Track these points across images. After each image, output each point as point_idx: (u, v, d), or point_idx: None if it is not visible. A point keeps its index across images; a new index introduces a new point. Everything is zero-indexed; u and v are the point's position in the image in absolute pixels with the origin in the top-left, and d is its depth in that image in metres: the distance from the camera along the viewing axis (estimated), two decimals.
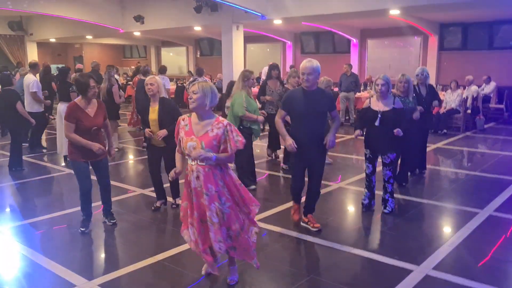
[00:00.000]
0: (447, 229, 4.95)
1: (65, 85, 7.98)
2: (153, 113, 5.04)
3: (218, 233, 3.36)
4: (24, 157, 7.91)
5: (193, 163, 3.33)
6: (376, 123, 5.00)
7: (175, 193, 5.47)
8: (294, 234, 4.69)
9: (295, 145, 4.39)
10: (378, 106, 5.05)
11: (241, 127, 5.81)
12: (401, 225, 5.00)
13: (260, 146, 8.90)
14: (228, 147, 3.30)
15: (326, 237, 4.60)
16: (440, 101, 6.81)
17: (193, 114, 3.40)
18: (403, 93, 5.85)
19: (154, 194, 5.61)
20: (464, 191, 6.23)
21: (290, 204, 5.61)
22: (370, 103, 5.12)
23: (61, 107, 7.83)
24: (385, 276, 3.86)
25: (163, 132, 4.95)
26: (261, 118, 6.04)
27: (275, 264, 4.02)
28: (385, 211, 5.26)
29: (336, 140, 5.62)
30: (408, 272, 3.82)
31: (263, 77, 14.19)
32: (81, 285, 3.66)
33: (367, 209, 5.37)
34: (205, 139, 3.28)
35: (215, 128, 3.30)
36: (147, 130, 5.13)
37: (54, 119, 11.81)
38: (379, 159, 5.23)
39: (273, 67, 7.79)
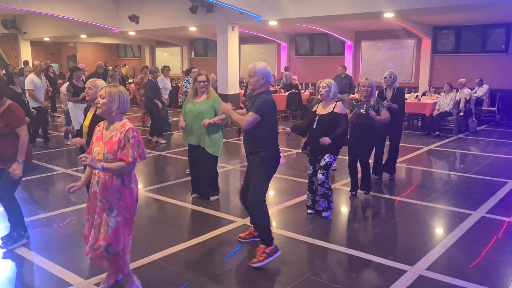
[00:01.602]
0: (440, 230, 5.01)
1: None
2: (88, 119, 4.42)
3: (97, 242, 3.22)
4: None
5: None
6: (314, 126, 5.10)
7: None
8: (288, 234, 4.72)
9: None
10: (320, 109, 5.16)
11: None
12: (395, 226, 5.05)
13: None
14: (125, 153, 3.11)
15: (321, 237, 4.64)
16: (402, 107, 6.72)
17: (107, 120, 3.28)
18: (365, 97, 5.90)
19: (152, 194, 5.61)
20: (457, 193, 6.30)
21: (281, 206, 5.66)
22: (317, 107, 5.23)
23: None
24: (379, 276, 3.90)
25: (80, 141, 4.37)
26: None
27: (270, 264, 4.04)
28: (324, 214, 5.22)
29: None
30: (402, 272, 3.86)
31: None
32: (77, 284, 3.67)
33: (311, 210, 5.33)
34: (108, 144, 3.16)
35: (118, 132, 3.16)
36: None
37: (59, 116, 11.90)
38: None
39: None
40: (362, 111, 5.81)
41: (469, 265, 4.05)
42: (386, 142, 6.89)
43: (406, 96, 12.11)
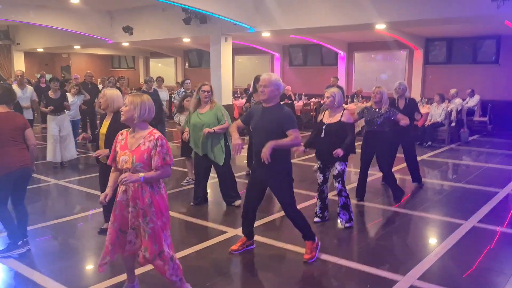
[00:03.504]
0: (432, 239, 5.01)
1: None
2: (104, 127, 4.63)
3: (144, 245, 3.27)
4: None
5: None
6: (322, 135, 5.14)
7: (107, 217, 4.94)
8: (280, 244, 4.70)
9: (240, 148, 4.11)
10: (327, 118, 5.21)
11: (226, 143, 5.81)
12: (387, 236, 5.05)
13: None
14: (155, 161, 3.17)
15: None
16: (420, 114, 6.96)
17: (131, 128, 3.33)
18: (376, 104, 5.98)
19: None
20: (449, 203, 6.31)
21: (276, 215, 5.64)
22: (323, 116, 5.29)
23: None
24: (371, 286, 3.88)
25: (104, 152, 4.46)
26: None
27: (263, 274, 4.02)
28: (340, 225, 5.27)
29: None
30: (394, 282, 3.85)
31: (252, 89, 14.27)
32: None
33: (320, 219, 5.35)
34: (136, 153, 3.19)
35: (147, 141, 3.21)
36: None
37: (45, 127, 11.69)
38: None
39: (257, 80, 7.70)
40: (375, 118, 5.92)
41: (462, 274, 4.04)
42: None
43: None
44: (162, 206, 3.29)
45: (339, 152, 4.96)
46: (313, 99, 14.69)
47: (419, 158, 9.16)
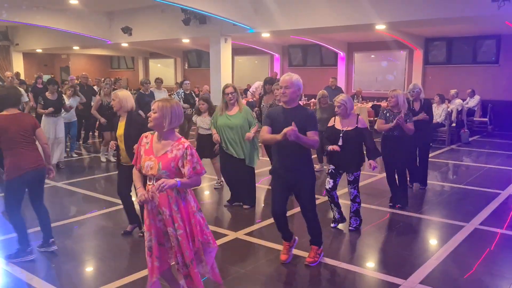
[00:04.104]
0: (433, 242, 4.98)
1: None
2: (120, 128, 4.75)
3: (179, 253, 3.16)
4: None
5: (149, 183, 3.15)
6: (339, 143, 4.97)
7: (131, 219, 5.04)
8: (280, 247, 4.66)
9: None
10: (341, 125, 5.06)
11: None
12: (388, 239, 5.01)
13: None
14: (186, 170, 3.09)
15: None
16: (431, 115, 6.89)
17: (156, 132, 3.22)
18: (393, 108, 5.83)
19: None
20: (450, 204, 6.28)
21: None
22: (334, 122, 5.15)
23: None
24: None
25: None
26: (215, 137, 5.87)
27: (263, 279, 3.99)
28: (349, 228, 5.24)
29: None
30: (396, 286, 3.82)
31: (252, 90, 14.23)
32: None
33: (335, 223, 5.29)
34: (163, 159, 3.10)
35: (175, 149, 3.11)
36: (112, 142, 4.86)
37: None
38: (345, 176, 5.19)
39: (266, 82, 7.60)
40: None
41: (464, 279, 4.01)
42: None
43: None
44: (186, 213, 3.17)
45: (374, 164, 4.93)
46: (313, 100, 14.64)
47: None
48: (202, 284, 3.25)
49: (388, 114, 5.86)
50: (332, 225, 5.29)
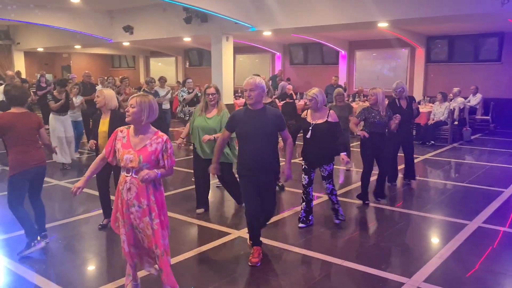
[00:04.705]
0: (436, 240, 4.97)
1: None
2: (104, 125, 4.96)
3: (151, 245, 3.35)
4: None
5: (127, 174, 3.28)
6: (308, 135, 5.05)
7: (106, 212, 5.19)
8: (284, 246, 4.66)
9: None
10: (312, 118, 5.11)
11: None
12: (391, 237, 5.00)
13: None
14: (166, 163, 3.29)
15: (316, 249, 4.59)
16: (417, 112, 7.23)
17: (132, 127, 3.35)
18: (373, 106, 5.97)
19: None
20: (453, 203, 6.27)
21: (281, 216, 5.61)
22: (306, 115, 5.20)
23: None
24: None
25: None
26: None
27: (266, 277, 3.99)
28: (336, 221, 5.29)
29: None
30: (400, 285, 3.81)
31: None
32: None
33: (303, 224, 5.23)
34: (143, 153, 3.23)
35: (154, 142, 3.26)
36: (91, 141, 5.05)
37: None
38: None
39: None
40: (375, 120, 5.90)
41: (467, 277, 4.00)
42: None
43: None
44: (161, 203, 3.38)
45: (346, 159, 5.06)
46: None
47: (421, 158, 9.18)
48: (172, 275, 3.40)
49: (367, 112, 5.98)
50: (299, 225, 5.24)
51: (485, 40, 13.86)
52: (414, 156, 7.29)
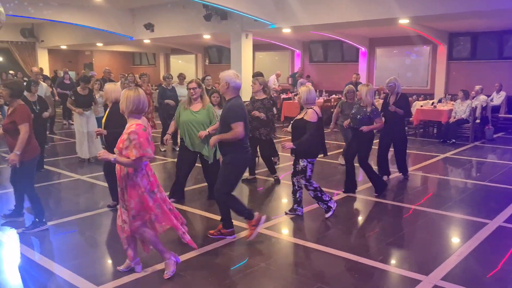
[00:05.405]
0: (456, 239, 4.91)
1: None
2: (104, 116, 5.51)
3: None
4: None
5: None
6: (288, 129, 5.50)
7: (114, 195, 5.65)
8: (300, 242, 4.68)
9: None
10: (297, 114, 5.42)
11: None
12: (409, 235, 4.97)
13: None
14: (124, 153, 3.57)
15: (332, 245, 4.58)
16: (408, 113, 7.22)
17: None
18: (360, 101, 6.19)
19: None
20: (473, 201, 6.18)
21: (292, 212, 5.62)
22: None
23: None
24: (393, 286, 3.83)
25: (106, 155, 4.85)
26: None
27: (282, 272, 4.01)
28: (326, 215, 5.34)
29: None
30: (417, 282, 3.79)
31: (270, 85, 14.21)
32: None
33: (289, 211, 5.48)
34: (119, 141, 3.66)
35: (125, 133, 3.63)
36: (100, 130, 5.54)
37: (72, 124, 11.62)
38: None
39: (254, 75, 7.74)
40: (359, 116, 6.13)
41: (486, 275, 3.95)
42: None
43: (422, 103, 12.05)
44: (132, 194, 3.65)
45: (286, 145, 5.14)
46: (333, 96, 14.56)
47: (441, 156, 9.06)
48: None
49: (354, 109, 6.28)
50: (285, 211, 5.53)
51: (509, 37, 13.55)
52: (435, 154, 7.22)
